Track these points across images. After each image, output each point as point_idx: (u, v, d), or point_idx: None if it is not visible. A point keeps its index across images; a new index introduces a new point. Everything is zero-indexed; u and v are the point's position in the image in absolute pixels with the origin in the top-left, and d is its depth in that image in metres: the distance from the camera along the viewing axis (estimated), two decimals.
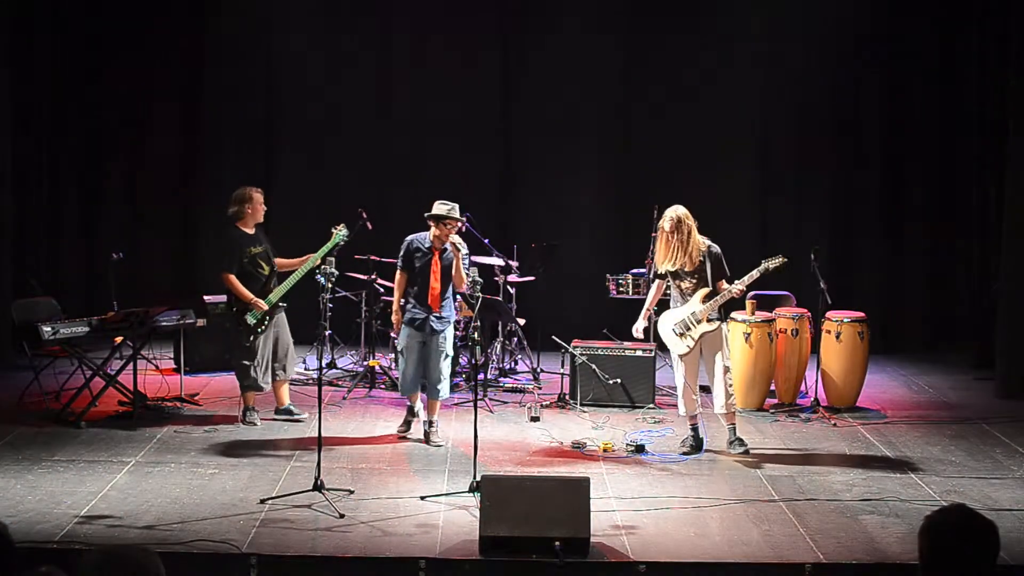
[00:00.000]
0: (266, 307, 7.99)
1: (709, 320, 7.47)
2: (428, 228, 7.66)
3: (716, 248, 7.51)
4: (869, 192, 11.24)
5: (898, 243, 11.23)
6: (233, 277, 7.97)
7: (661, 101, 11.14)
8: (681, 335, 7.52)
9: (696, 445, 7.58)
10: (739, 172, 11.22)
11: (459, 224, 7.78)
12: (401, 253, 7.77)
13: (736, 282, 7.44)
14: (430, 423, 7.79)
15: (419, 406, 7.89)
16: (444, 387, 7.75)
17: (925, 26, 10.92)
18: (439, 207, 7.55)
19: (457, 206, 7.61)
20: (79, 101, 10.99)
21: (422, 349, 7.68)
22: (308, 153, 11.23)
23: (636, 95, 11.19)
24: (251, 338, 8.03)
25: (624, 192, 11.15)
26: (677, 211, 7.47)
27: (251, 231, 8.16)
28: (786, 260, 7.53)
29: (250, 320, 8.02)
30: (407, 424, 7.87)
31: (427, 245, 7.66)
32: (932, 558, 3.06)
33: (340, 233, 7.98)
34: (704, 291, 7.47)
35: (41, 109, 10.75)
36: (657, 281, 7.80)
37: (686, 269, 7.47)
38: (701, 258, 7.44)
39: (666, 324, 7.62)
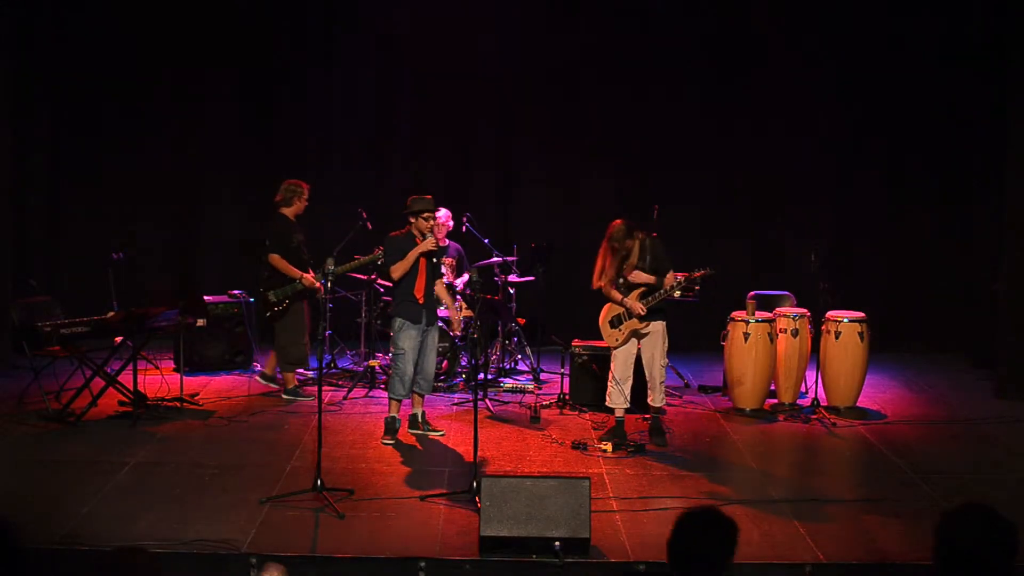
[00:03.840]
0: (316, 283, 8.60)
1: (640, 318, 7.63)
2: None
3: (657, 244, 7.67)
4: (869, 192, 11.24)
5: (898, 243, 11.23)
6: (280, 258, 8.61)
7: (661, 102, 11.13)
8: (614, 328, 7.75)
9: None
10: (739, 172, 11.22)
11: (439, 219, 7.96)
12: (393, 252, 7.77)
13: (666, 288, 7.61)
14: (422, 415, 7.94)
15: (394, 413, 7.86)
16: (431, 381, 7.98)
17: (927, 24, 10.88)
18: (419, 202, 7.73)
19: (431, 198, 7.81)
20: (79, 101, 10.98)
21: (420, 345, 7.76)
22: (309, 152, 11.23)
23: (637, 95, 11.17)
24: (266, 314, 8.74)
25: (624, 192, 11.13)
26: (614, 226, 7.66)
27: (294, 220, 8.83)
28: (713, 272, 7.67)
29: (272, 297, 8.65)
30: (393, 433, 7.81)
31: (412, 237, 7.77)
32: (948, 557, 2.97)
33: (379, 255, 8.14)
34: (640, 290, 7.64)
35: (41, 108, 10.74)
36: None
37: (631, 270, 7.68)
38: (641, 257, 7.63)
39: (606, 317, 7.83)
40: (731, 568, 3.17)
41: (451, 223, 9.36)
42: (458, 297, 9.30)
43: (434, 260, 7.84)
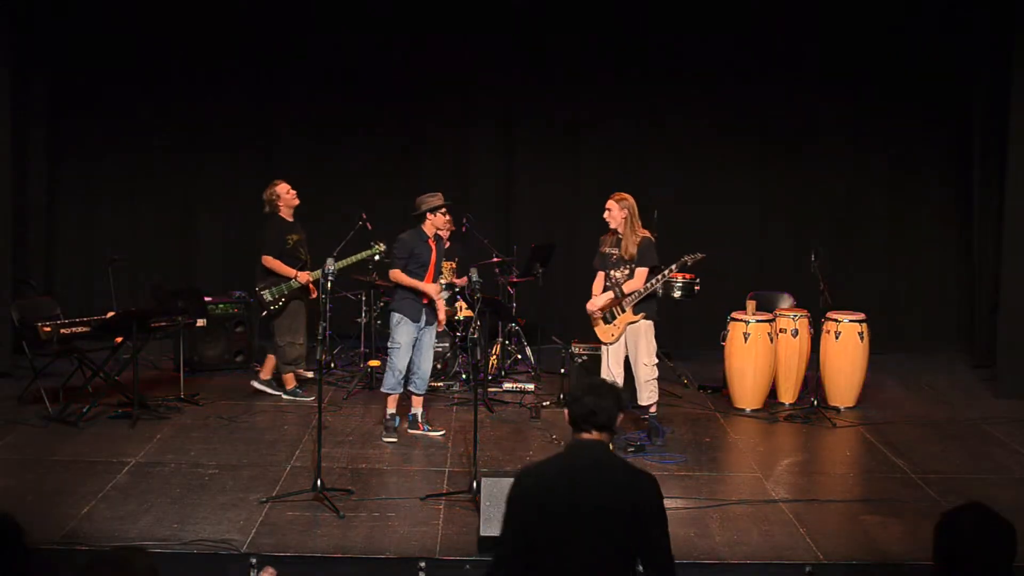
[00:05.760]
0: (311, 279, 8.54)
1: (634, 311, 7.59)
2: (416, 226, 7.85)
3: (650, 238, 7.61)
4: (869, 192, 11.24)
5: (898, 243, 11.23)
6: (272, 258, 8.53)
7: (660, 101, 11.12)
8: (607, 324, 7.69)
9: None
10: (738, 171, 11.22)
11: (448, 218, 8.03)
12: (402, 254, 7.73)
13: (657, 276, 7.57)
14: (422, 415, 7.94)
15: (392, 410, 7.88)
16: (427, 380, 7.95)
17: (929, 27, 10.87)
18: (432, 198, 7.75)
19: (440, 195, 7.83)
20: (79, 101, 10.98)
21: (416, 342, 7.77)
22: (308, 152, 11.22)
23: (636, 95, 11.17)
24: (262, 313, 8.66)
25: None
26: (629, 199, 7.61)
27: (290, 219, 8.72)
28: (703, 256, 7.62)
29: (268, 296, 8.55)
30: (392, 430, 7.81)
31: (424, 237, 7.73)
32: (947, 557, 2.98)
33: (377, 248, 8.56)
34: (632, 282, 7.59)
35: (41, 109, 10.74)
36: (600, 271, 7.82)
37: (623, 258, 7.58)
38: (635, 249, 7.55)
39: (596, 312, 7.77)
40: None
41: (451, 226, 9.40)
42: (458, 297, 9.30)
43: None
